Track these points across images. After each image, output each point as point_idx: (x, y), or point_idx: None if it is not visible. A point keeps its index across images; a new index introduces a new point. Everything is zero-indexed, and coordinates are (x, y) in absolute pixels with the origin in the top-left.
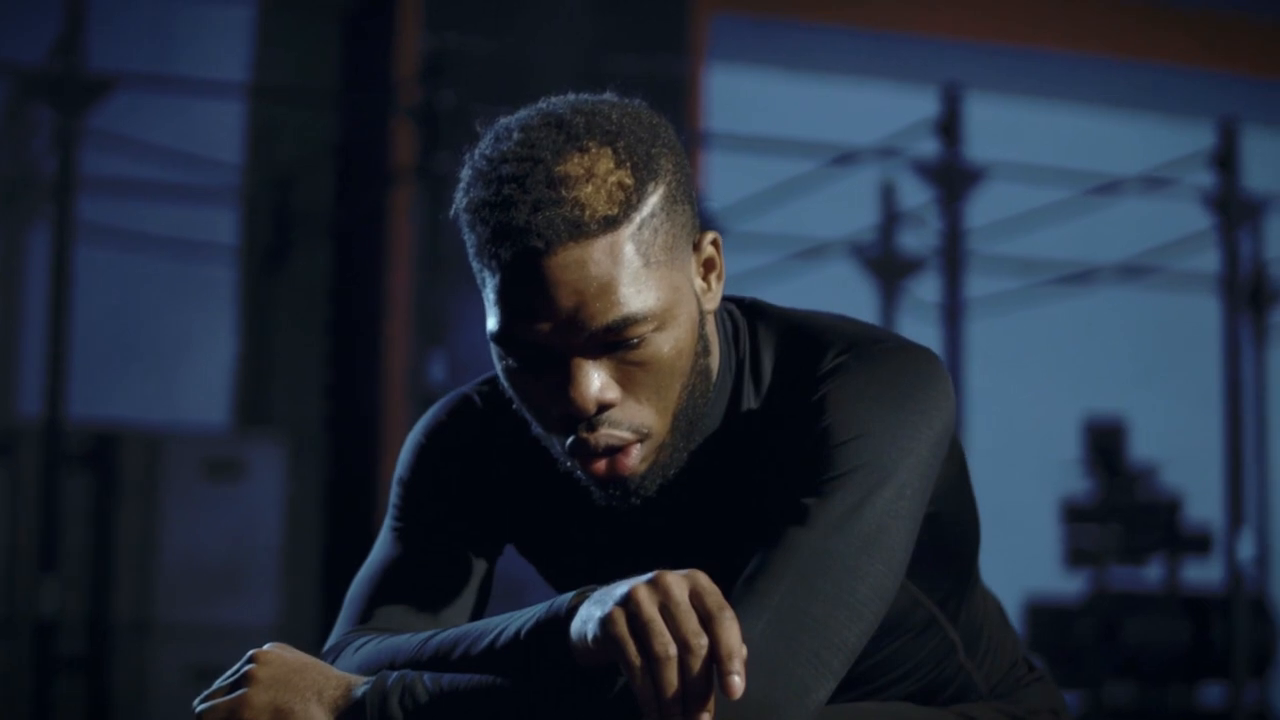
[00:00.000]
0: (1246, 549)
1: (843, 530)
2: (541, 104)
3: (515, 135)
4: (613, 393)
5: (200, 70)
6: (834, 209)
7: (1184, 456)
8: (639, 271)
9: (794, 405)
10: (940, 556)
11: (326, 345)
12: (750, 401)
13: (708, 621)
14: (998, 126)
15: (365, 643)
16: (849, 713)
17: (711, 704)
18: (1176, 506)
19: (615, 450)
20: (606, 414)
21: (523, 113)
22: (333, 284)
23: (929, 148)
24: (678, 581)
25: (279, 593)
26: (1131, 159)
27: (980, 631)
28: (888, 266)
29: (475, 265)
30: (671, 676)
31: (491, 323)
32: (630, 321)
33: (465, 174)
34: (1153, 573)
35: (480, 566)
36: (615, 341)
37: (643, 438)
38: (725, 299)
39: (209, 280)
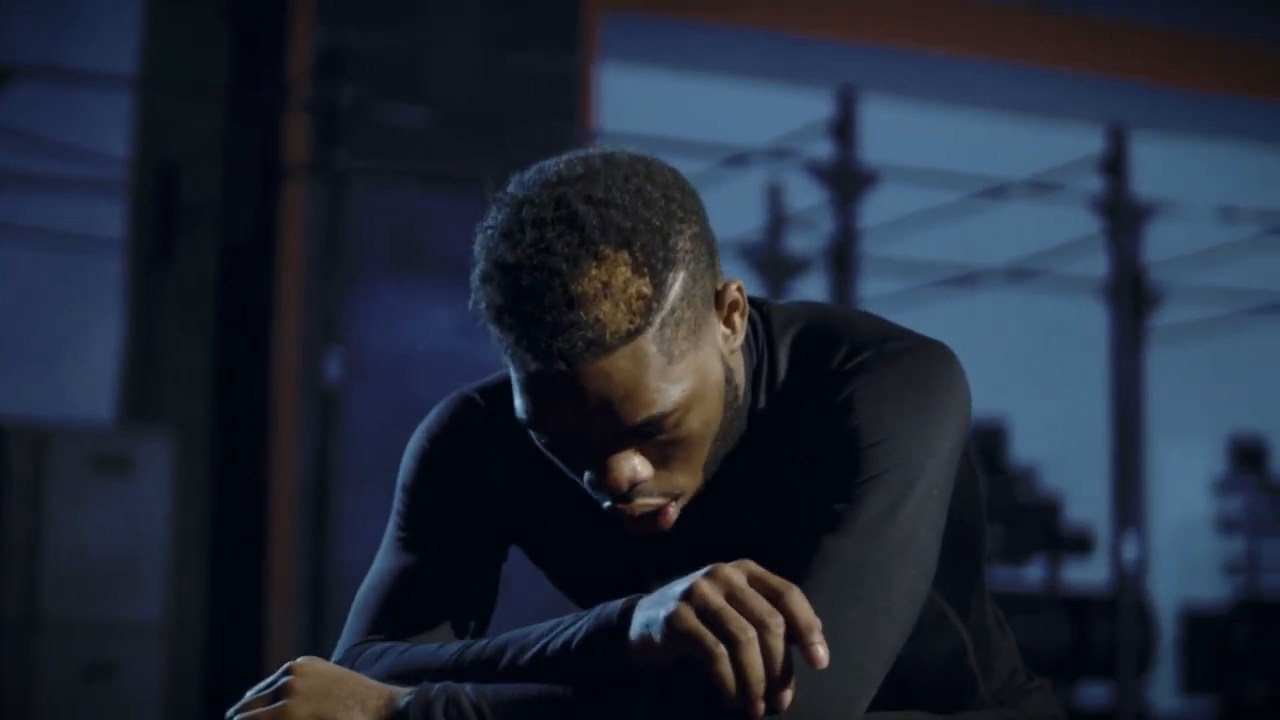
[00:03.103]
0: (1132, 550)
1: (877, 536)
2: (552, 173)
3: (529, 233)
4: (645, 471)
5: (86, 61)
6: (724, 210)
7: (1064, 458)
8: (664, 369)
9: (814, 405)
10: (951, 552)
11: (215, 341)
12: (768, 404)
13: (777, 600)
14: (887, 129)
15: (383, 652)
16: None
17: (793, 682)
18: (1057, 507)
19: (650, 513)
20: (639, 486)
21: (534, 188)
22: (221, 280)
23: (821, 149)
24: (735, 571)
25: (166, 590)
26: (1022, 163)
27: (987, 633)
28: (775, 267)
29: (494, 340)
30: (754, 657)
31: (519, 407)
32: (658, 418)
33: (481, 266)
34: (1033, 573)
35: (488, 570)
36: (645, 433)
37: (676, 497)
38: None
39: (95, 274)
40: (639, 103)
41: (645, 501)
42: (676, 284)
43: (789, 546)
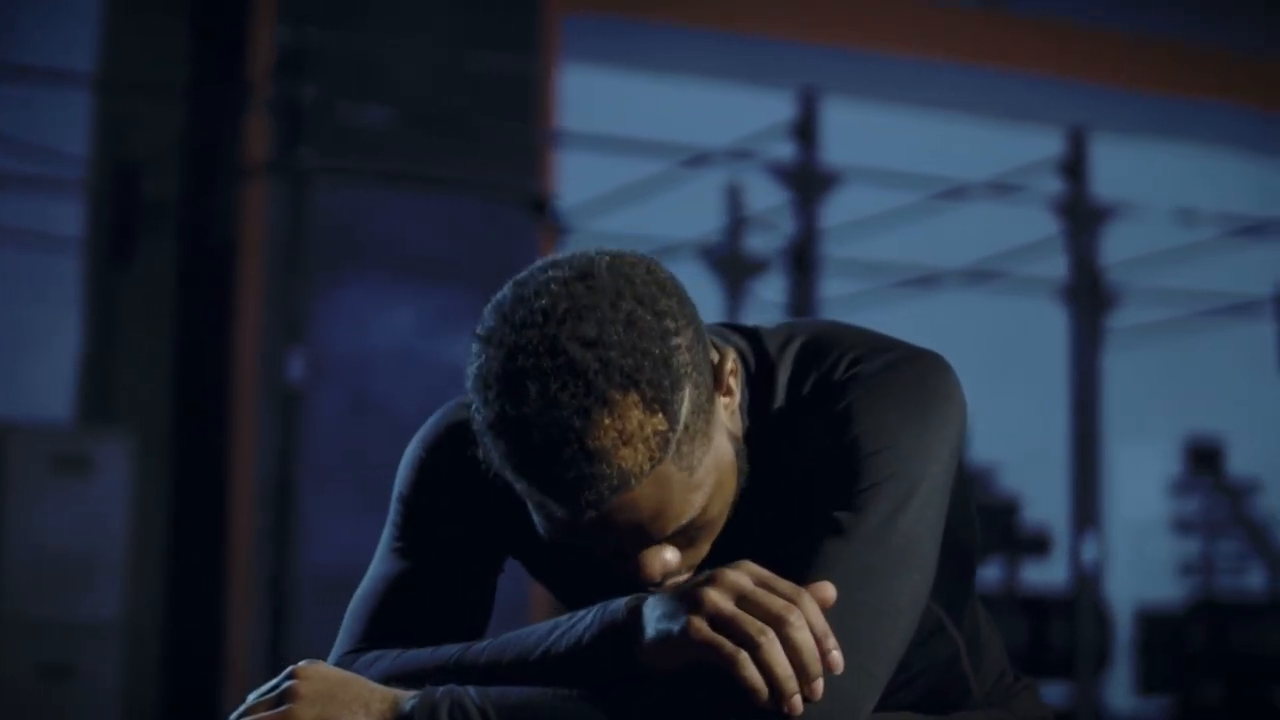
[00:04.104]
0: (1091, 551)
1: (879, 542)
2: (537, 310)
3: (531, 387)
4: (674, 557)
5: (45, 59)
6: (686, 210)
7: (1022, 458)
8: (686, 483)
9: (814, 416)
10: (947, 559)
11: (175, 341)
12: (769, 422)
13: (790, 601)
14: (847, 130)
15: (378, 658)
16: None
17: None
18: (1015, 508)
19: None
20: (669, 571)
21: (522, 331)
22: (181, 279)
23: (781, 150)
24: (739, 574)
25: (125, 590)
26: (982, 164)
27: (979, 636)
28: (734, 267)
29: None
30: (777, 655)
31: (540, 526)
32: (687, 523)
33: (484, 415)
34: (991, 573)
35: (484, 580)
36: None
37: (698, 562)
38: (724, 330)
39: (54, 273)
40: (599, 103)
41: (675, 580)
42: (685, 402)
43: (791, 552)
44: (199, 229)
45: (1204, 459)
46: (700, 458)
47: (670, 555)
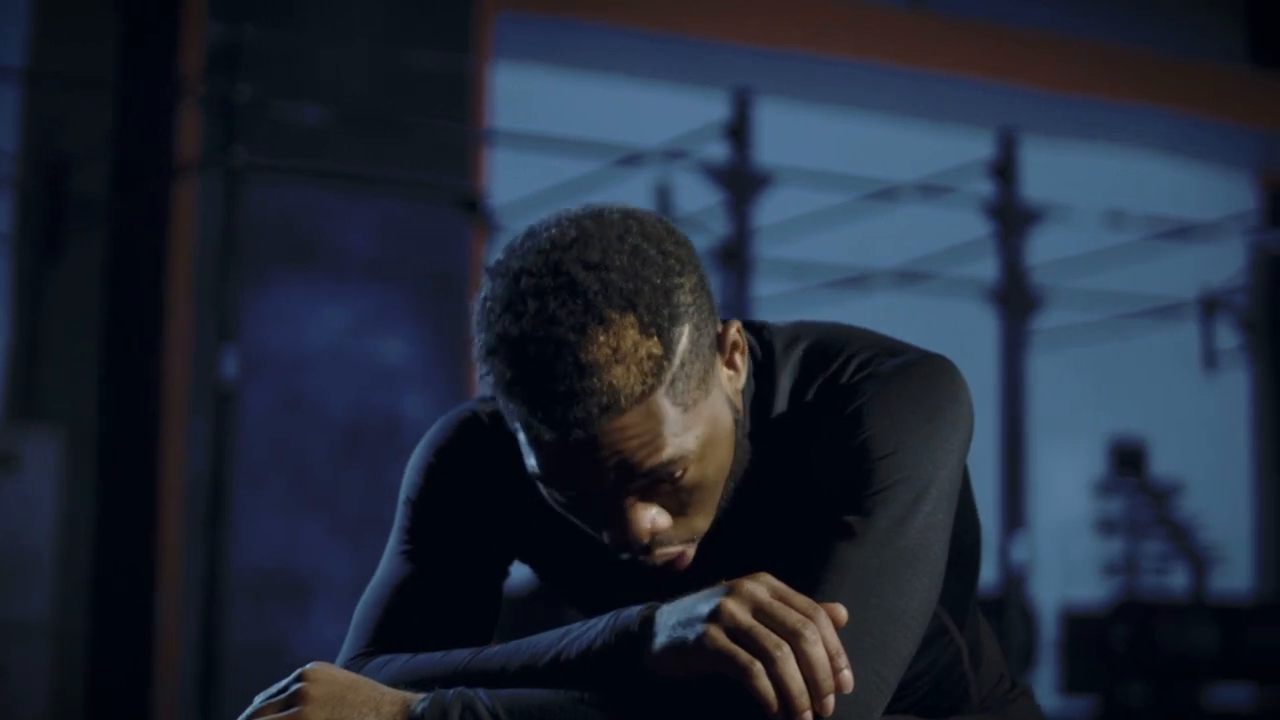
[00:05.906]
0: (1021, 552)
1: (889, 546)
2: (544, 239)
3: (530, 305)
4: (664, 521)
5: None
6: None
7: None
8: (677, 419)
9: (823, 419)
10: (951, 563)
11: (103, 339)
12: (774, 423)
13: (806, 616)
14: (778, 131)
15: (388, 662)
16: None
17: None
18: None
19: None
20: (659, 536)
21: (528, 257)
22: (110, 276)
23: (714, 150)
24: (758, 586)
25: (53, 587)
26: (913, 166)
27: (979, 640)
28: None
29: (502, 409)
30: (792, 669)
31: (531, 465)
32: (673, 463)
33: (484, 339)
34: None
35: (491, 584)
36: (661, 479)
37: (694, 540)
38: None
39: None
40: (532, 102)
41: (664, 551)
42: (683, 338)
43: (802, 557)
44: (130, 226)
45: (1128, 460)
46: (695, 399)
47: (658, 514)
